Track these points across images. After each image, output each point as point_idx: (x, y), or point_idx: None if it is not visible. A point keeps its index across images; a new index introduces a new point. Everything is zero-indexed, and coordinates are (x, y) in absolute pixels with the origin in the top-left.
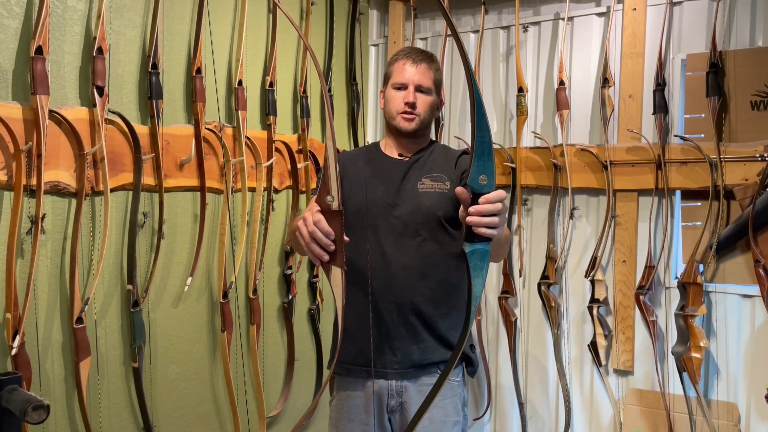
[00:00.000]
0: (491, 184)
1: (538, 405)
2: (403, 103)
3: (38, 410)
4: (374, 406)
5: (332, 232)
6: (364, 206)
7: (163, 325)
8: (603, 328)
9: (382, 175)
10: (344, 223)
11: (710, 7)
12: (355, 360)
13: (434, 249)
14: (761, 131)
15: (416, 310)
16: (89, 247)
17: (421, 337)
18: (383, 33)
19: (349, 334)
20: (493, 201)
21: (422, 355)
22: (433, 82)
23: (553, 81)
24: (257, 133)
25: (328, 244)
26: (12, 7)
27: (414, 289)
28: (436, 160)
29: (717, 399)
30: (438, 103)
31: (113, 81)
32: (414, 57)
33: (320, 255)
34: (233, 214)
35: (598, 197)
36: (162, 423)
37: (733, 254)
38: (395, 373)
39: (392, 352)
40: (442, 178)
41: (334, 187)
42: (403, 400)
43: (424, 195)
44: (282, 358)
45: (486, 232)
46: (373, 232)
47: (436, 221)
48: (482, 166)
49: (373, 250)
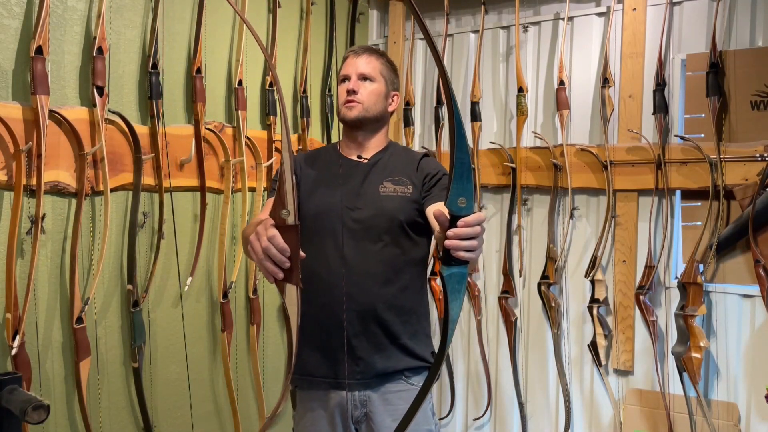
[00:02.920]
0: (470, 207)
1: (538, 405)
2: (345, 92)
3: (38, 410)
4: (338, 419)
5: (288, 249)
6: (323, 210)
7: (163, 325)
8: (603, 328)
9: (341, 178)
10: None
11: (710, 7)
12: (317, 371)
13: (396, 254)
14: (761, 131)
15: (378, 318)
16: (89, 247)
17: (383, 346)
18: (383, 33)
19: (309, 345)
20: (472, 224)
21: (385, 364)
22: (379, 72)
23: (553, 81)
24: (257, 133)
25: (284, 261)
26: (12, 7)
27: (376, 296)
28: (396, 162)
29: (717, 399)
30: (387, 92)
31: (113, 81)
32: (357, 50)
33: (274, 272)
34: (233, 214)
35: (598, 197)
36: (162, 423)
37: (733, 254)
38: (358, 384)
39: (354, 362)
40: (404, 181)
41: (290, 200)
42: (367, 410)
43: (386, 198)
44: (282, 358)
45: (464, 256)
46: (332, 236)
47: (399, 225)
48: (461, 188)
49: (332, 255)
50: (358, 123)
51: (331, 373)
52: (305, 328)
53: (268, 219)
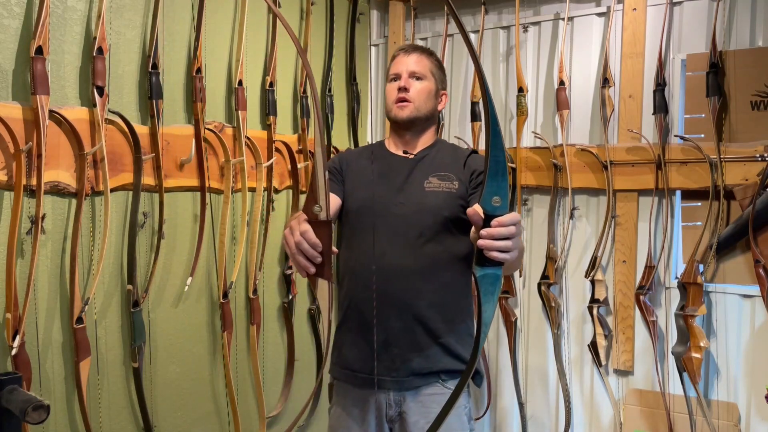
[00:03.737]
0: (504, 206)
1: (538, 405)
2: (396, 90)
3: (38, 410)
4: (373, 416)
5: (319, 244)
6: (365, 205)
7: (163, 325)
8: (603, 328)
9: (385, 173)
10: (332, 234)
11: (710, 7)
12: (355, 366)
13: (438, 250)
14: (761, 131)
15: (417, 315)
16: (89, 247)
17: (422, 345)
18: (383, 33)
19: (349, 339)
20: (506, 224)
21: (422, 364)
22: (429, 71)
23: (553, 81)
24: (257, 133)
25: (315, 256)
26: (12, 7)
27: (416, 293)
28: (443, 158)
29: (717, 399)
30: (436, 91)
31: (113, 81)
32: (407, 49)
33: (306, 267)
34: (233, 214)
35: (598, 197)
36: (162, 423)
37: (733, 254)
38: (393, 382)
39: (391, 359)
40: (450, 177)
41: (322, 196)
42: (402, 410)
43: (430, 194)
44: (282, 358)
45: (498, 256)
46: (376, 231)
47: (442, 221)
48: (496, 186)
49: (375, 250)
50: (409, 123)
51: (369, 368)
52: (347, 321)
53: (302, 214)
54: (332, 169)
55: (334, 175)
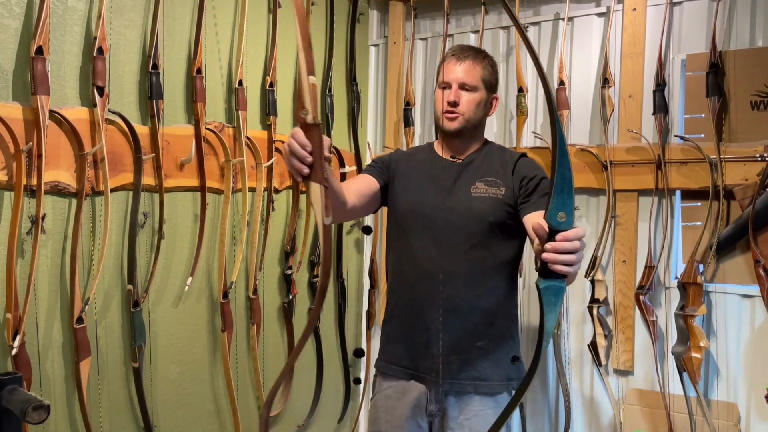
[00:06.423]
0: (569, 222)
1: (538, 405)
2: (446, 102)
3: (38, 410)
4: (414, 410)
5: (308, 144)
6: (414, 208)
7: (163, 325)
8: (603, 328)
9: (433, 177)
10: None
11: (710, 7)
12: (400, 362)
13: (484, 255)
14: (761, 131)
15: (461, 319)
16: (89, 247)
17: (462, 347)
18: (383, 33)
19: (395, 336)
20: (571, 239)
21: (461, 367)
22: (481, 79)
23: (553, 81)
24: (257, 133)
25: (304, 155)
26: (12, 8)
27: (460, 296)
28: (491, 163)
29: (717, 399)
30: (487, 99)
31: (113, 81)
32: (459, 54)
33: (300, 168)
34: (233, 214)
35: (598, 197)
36: (162, 423)
37: (733, 254)
38: (433, 381)
39: (432, 360)
40: (497, 183)
41: (308, 100)
42: (443, 406)
43: (477, 199)
44: (282, 358)
45: (562, 270)
46: (421, 234)
47: (488, 227)
48: (561, 203)
49: (421, 253)
50: (458, 134)
51: (412, 366)
52: (392, 319)
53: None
54: (381, 159)
55: (379, 165)
